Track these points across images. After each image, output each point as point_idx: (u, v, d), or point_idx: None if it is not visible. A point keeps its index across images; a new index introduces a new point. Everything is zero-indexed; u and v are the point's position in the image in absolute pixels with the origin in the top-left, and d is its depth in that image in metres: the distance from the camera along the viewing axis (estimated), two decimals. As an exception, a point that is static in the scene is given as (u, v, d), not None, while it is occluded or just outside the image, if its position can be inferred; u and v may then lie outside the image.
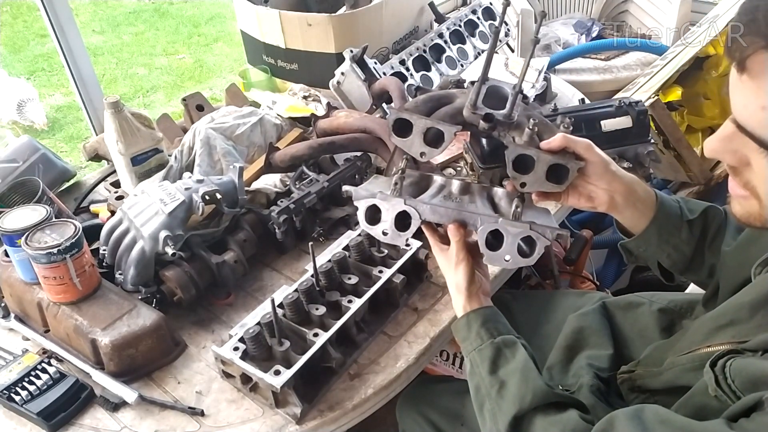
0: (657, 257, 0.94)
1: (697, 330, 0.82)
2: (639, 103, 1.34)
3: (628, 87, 1.82)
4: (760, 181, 0.66)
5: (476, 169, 1.33)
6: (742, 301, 0.74)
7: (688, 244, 0.92)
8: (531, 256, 0.82)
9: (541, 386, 0.76)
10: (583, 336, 1.06)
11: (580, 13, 2.38)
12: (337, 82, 1.49)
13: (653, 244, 0.92)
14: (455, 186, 0.89)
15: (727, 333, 0.73)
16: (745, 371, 0.63)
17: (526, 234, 0.81)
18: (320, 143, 1.30)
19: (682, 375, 0.79)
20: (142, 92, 4.03)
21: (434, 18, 1.91)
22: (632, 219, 0.90)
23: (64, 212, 1.27)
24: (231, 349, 0.91)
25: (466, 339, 0.85)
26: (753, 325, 0.70)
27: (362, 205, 0.85)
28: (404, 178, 0.86)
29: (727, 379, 0.64)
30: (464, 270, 0.85)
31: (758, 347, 0.65)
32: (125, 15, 5.08)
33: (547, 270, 1.78)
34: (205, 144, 1.31)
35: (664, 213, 0.89)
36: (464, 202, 0.86)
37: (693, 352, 0.78)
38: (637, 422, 0.64)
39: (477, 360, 0.82)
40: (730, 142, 0.66)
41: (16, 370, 0.95)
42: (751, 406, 0.59)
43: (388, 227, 0.84)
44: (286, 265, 1.20)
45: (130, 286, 1.05)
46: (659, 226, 0.90)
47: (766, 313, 0.69)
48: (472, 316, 0.85)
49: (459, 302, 0.87)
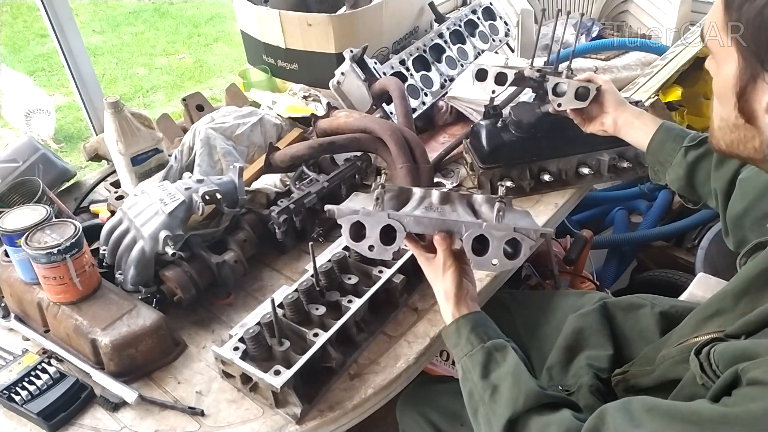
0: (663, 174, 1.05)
1: (686, 323, 0.83)
2: (639, 103, 1.34)
3: (628, 87, 1.82)
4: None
5: (476, 169, 1.33)
6: (726, 290, 0.75)
7: (680, 166, 1.01)
8: (517, 258, 0.83)
9: (533, 388, 0.76)
10: (583, 336, 1.06)
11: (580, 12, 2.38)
12: (337, 82, 1.49)
13: (653, 161, 1.06)
14: (435, 197, 0.90)
15: (714, 323, 0.75)
16: (726, 353, 0.64)
17: (511, 236, 0.82)
18: (320, 143, 1.30)
19: (672, 368, 0.80)
20: (142, 92, 4.03)
21: (434, 18, 1.91)
22: (638, 140, 1.07)
23: (64, 212, 1.27)
24: (231, 349, 0.91)
25: (456, 345, 0.85)
26: (737, 313, 0.71)
27: (346, 223, 0.86)
28: (385, 192, 0.87)
29: (712, 365, 0.65)
30: (452, 277, 0.86)
31: (739, 332, 0.66)
32: (125, 15, 5.08)
33: (547, 270, 1.78)
34: (205, 144, 1.31)
35: (663, 136, 1.03)
36: (446, 212, 0.88)
37: (682, 344, 0.79)
38: (625, 413, 0.65)
39: (468, 366, 0.83)
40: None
41: (16, 370, 0.95)
42: (731, 382, 0.60)
43: (374, 242, 0.85)
44: (286, 265, 1.20)
45: (130, 286, 1.05)
46: (656, 147, 1.04)
47: (748, 300, 0.71)
48: (461, 322, 0.85)
49: (447, 309, 0.88)
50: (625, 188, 2.20)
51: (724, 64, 0.67)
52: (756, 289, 0.70)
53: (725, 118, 0.70)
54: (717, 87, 0.70)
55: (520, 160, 1.31)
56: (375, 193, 0.86)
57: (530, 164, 1.31)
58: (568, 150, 1.31)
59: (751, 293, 0.71)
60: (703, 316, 0.78)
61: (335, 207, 0.87)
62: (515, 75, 1.16)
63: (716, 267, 1.69)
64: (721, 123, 0.72)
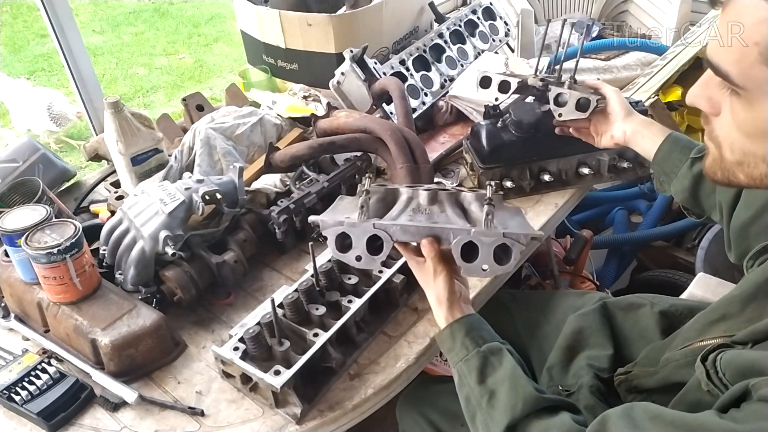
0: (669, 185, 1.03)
1: (692, 326, 0.82)
2: (639, 103, 1.34)
3: (628, 87, 1.82)
4: (722, 125, 0.69)
5: (476, 169, 1.33)
6: (733, 295, 0.75)
7: (686, 177, 0.99)
8: (508, 263, 0.81)
9: (531, 392, 0.75)
10: (583, 336, 1.05)
11: (580, 13, 2.38)
12: (337, 82, 1.49)
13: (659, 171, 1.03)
14: (423, 197, 0.87)
15: (720, 327, 0.74)
16: (734, 362, 0.63)
17: (501, 242, 0.80)
18: (320, 143, 1.30)
19: (676, 371, 0.80)
20: (142, 92, 4.03)
21: (434, 18, 1.91)
22: (646, 149, 1.04)
23: (64, 212, 1.27)
24: (231, 349, 0.91)
25: (451, 350, 0.84)
26: (744, 318, 0.71)
27: (331, 235, 0.83)
28: (370, 199, 0.84)
29: (718, 373, 0.64)
30: (443, 281, 0.85)
31: (747, 339, 0.65)
32: (125, 15, 5.08)
33: (547, 270, 1.79)
34: (205, 144, 1.31)
35: (670, 146, 1.01)
36: (434, 213, 0.85)
37: (687, 347, 0.78)
38: (628, 420, 0.64)
39: (464, 371, 0.81)
40: (707, 87, 0.69)
41: (16, 370, 0.95)
42: (740, 395, 0.59)
43: (361, 252, 0.83)
44: (286, 265, 1.20)
45: (130, 286, 1.05)
46: (662, 157, 1.01)
47: (756, 306, 0.70)
48: (455, 326, 0.84)
49: (441, 314, 0.86)
50: (625, 188, 2.21)
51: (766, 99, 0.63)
52: (764, 295, 0.69)
53: (759, 155, 0.66)
54: (747, 124, 0.66)
55: (520, 160, 1.31)
56: (359, 200, 0.84)
57: (530, 164, 1.31)
58: (568, 150, 1.31)
59: (759, 299, 0.70)
60: (709, 320, 0.77)
61: (319, 218, 0.85)
62: (518, 83, 1.16)
63: (716, 267, 1.69)
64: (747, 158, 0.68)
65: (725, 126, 0.69)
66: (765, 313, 0.66)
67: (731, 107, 0.67)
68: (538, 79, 1.17)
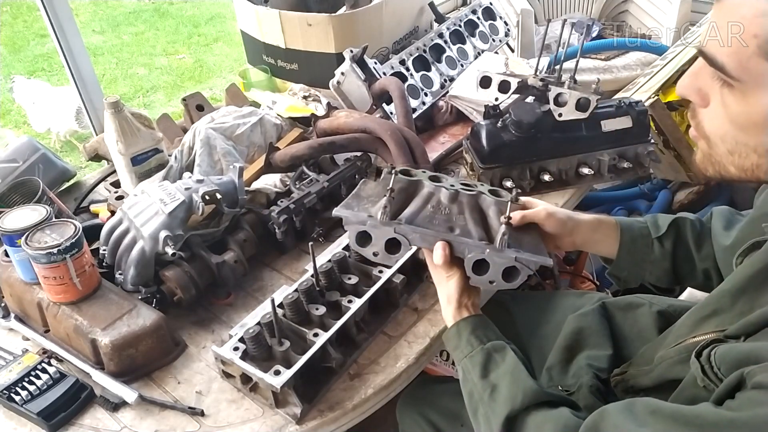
0: (641, 277, 1.01)
1: (684, 322, 0.82)
2: (639, 103, 1.34)
3: (628, 87, 1.82)
4: (711, 117, 0.69)
5: (476, 169, 1.33)
6: (723, 289, 0.75)
7: (665, 259, 0.98)
8: (514, 282, 0.86)
9: (531, 386, 0.77)
10: (582, 336, 1.06)
11: (580, 13, 2.38)
12: (337, 82, 1.49)
13: (630, 266, 1.00)
14: (444, 195, 0.90)
15: (712, 323, 0.74)
16: (728, 356, 0.63)
17: (511, 265, 0.85)
18: (320, 143, 1.30)
19: (671, 369, 0.80)
20: (142, 92, 4.03)
21: (434, 18, 1.91)
22: (605, 251, 1.01)
23: (64, 212, 1.27)
24: (231, 349, 0.91)
25: (457, 347, 0.86)
26: (735, 312, 0.71)
27: (353, 230, 0.87)
28: (393, 198, 0.87)
29: (713, 368, 0.65)
30: (456, 282, 0.87)
31: (739, 333, 0.65)
32: (125, 15, 5.08)
33: (547, 270, 1.78)
34: (205, 144, 1.31)
35: (630, 237, 0.98)
36: (453, 215, 0.89)
37: (680, 344, 0.79)
38: (628, 413, 0.65)
39: (468, 366, 0.83)
40: (698, 78, 0.69)
41: (16, 370, 0.95)
42: (735, 385, 0.59)
43: (379, 249, 0.87)
44: (286, 265, 1.20)
45: (130, 286, 1.05)
46: (628, 250, 0.98)
47: (746, 300, 0.70)
48: (462, 325, 0.86)
49: (449, 312, 0.89)
50: (625, 188, 2.20)
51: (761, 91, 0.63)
52: (754, 288, 0.70)
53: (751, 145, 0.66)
54: (741, 116, 0.65)
55: (520, 160, 1.31)
56: (383, 200, 0.86)
57: (530, 164, 1.31)
58: (568, 150, 1.31)
59: (749, 292, 0.70)
60: (701, 316, 0.77)
61: (343, 213, 0.87)
62: (518, 83, 1.17)
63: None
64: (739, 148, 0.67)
65: (715, 118, 0.68)
66: (756, 306, 0.66)
67: (722, 99, 0.66)
68: (538, 79, 1.17)
